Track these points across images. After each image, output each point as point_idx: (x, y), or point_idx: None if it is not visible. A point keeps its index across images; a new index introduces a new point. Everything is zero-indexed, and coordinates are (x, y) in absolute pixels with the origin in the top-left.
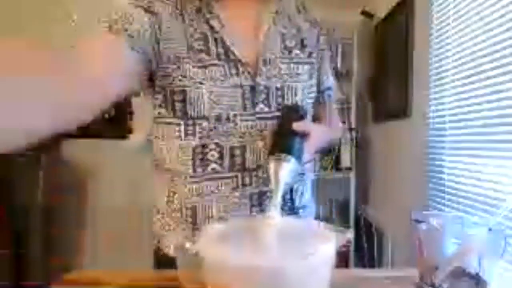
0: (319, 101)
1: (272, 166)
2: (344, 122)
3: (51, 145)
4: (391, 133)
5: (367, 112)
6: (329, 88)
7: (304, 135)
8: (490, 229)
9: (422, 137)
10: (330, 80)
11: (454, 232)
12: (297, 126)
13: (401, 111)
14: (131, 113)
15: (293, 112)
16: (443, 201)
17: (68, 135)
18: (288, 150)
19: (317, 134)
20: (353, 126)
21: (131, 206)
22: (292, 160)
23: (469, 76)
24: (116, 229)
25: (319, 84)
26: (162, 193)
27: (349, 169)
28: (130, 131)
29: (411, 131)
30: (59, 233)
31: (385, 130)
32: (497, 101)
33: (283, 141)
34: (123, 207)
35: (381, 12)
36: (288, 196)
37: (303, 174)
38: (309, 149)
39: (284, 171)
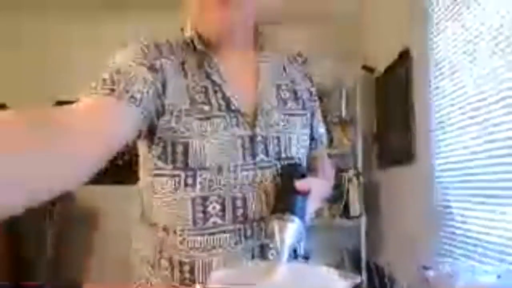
0: (312, 147)
1: (276, 226)
2: (343, 170)
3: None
4: (398, 180)
5: (372, 158)
6: (321, 135)
7: (306, 193)
8: (499, 276)
9: (428, 183)
10: (322, 128)
11: (464, 280)
12: (299, 185)
13: (406, 157)
14: (136, 155)
15: (294, 170)
16: (454, 248)
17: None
18: (292, 210)
19: (318, 190)
20: (360, 170)
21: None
22: (296, 220)
23: (471, 125)
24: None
25: (312, 132)
26: (151, 247)
27: (359, 216)
28: (136, 175)
29: (417, 177)
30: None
31: (391, 176)
32: (497, 141)
33: (286, 200)
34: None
35: (381, 65)
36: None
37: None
38: (312, 206)
39: (289, 231)
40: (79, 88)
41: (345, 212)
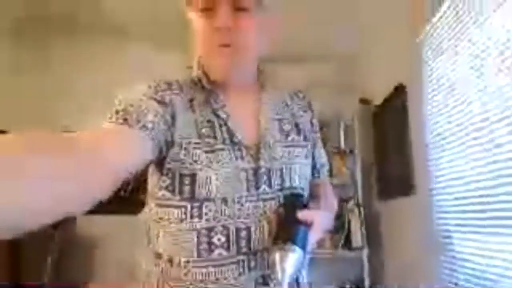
0: (314, 177)
1: (277, 256)
2: (344, 201)
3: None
4: (398, 210)
5: (372, 188)
6: (323, 165)
7: (308, 224)
8: None
9: (427, 212)
10: (323, 158)
11: None
12: (302, 215)
13: (405, 188)
14: (145, 180)
15: (296, 201)
16: (456, 277)
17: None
18: (293, 240)
19: (320, 222)
20: (360, 201)
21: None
22: (298, 250)
23: (467, 155)
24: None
25: (314, 161)
26: (154, 278)
27: (361, 248)
28: (143, 204)
29: (417, 207)
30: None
31: (392, 207)
32: (497, 171)
33: (288, 230)
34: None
35: (378, 98)
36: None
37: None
38: (313, 237)
39: (290, 261)
40: (80, 115)
41: (347, 243)
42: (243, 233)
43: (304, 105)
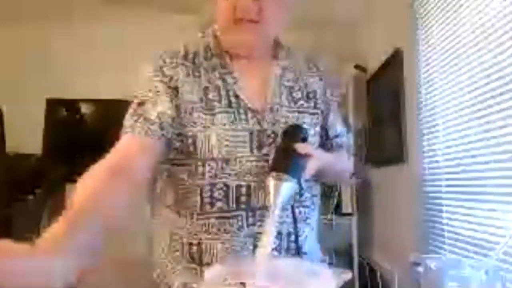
0: (328, 148)
1: (271, 185)
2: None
3: (56, 190)
4: (389, 178)
5: (364, 156)
6: (337, 136)
7: (305, 156)
8: (487, 272)
9: (419, 181)
10: (338, 129)
11: (452, 275)
12: (299, 147)
13: (397, 157)
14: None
15: (297, 133)
16: (443, 245)
17: (73, 180)
18: (289, 171)
19: (318, 157)
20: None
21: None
22: (291, 180)
23: (459, 124)
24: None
25: (327, 132)
26: (164, 233)
27: (350, 214)
28: None
29: (408, 176)
30: None
31: (383, 175)
32: (488, 140)
33: (285, 161)
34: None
35: (374, 66)
36: (293, 239)
37: (308, 218)
38: (309, 169)
39: (283, 190)
40: (73, 87)
41: (337, 208)
42: (243, 190)
43: (320, 73)
